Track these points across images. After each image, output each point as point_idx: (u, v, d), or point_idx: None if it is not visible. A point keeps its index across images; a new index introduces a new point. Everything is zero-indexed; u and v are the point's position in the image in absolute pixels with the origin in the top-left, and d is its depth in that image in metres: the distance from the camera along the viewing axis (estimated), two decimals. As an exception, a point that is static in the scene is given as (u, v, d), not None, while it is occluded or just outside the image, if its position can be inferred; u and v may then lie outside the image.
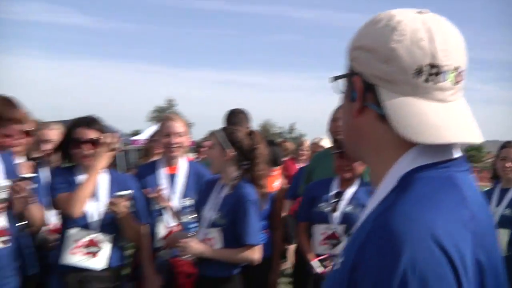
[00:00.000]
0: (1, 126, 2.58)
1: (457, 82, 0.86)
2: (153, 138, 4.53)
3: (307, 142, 6.41)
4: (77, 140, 2.66)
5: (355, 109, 0.91)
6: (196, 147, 6.00)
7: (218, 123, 3.30)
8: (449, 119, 0.85)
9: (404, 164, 0.86)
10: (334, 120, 3.37)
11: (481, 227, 0.82)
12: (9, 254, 2.54)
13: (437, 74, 0.84)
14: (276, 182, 3.62)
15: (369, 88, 0.88)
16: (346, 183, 2.98)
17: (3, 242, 2.51)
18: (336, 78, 0.99)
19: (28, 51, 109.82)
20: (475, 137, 0.86)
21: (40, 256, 2.99)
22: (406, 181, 0.84)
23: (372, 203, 0.89)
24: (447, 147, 0.88)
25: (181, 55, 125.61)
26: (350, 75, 0.93)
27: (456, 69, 0.85)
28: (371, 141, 0.92)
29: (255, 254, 2.58)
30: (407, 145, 0.85)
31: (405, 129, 0.82)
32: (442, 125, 0.83)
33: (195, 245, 2.50)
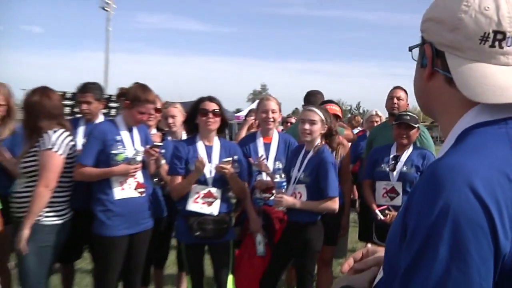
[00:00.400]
0: (138, 105, 3.22)
1: None
2: (250, 114, 5.32)
3: (359, 117, 8.14)
4: (203, 110, 3.33)
5: (426, 74, 0.98)
6: (283, 121, 6.74)
7: (300, 102, 3.94)
8: None
9: (465, 122, 0.91)
10: (390, 98, 4.18)
11: None
12: (145, 202, 3.30)
13: (502, 40, 0.88)
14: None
15: (438, 55, 0.95)
16: (402, 148, 3.65)
17: (140, 192, 3.26)
18: (411, 48, 1.08)
19: (156, 51, 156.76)
20: None
21: (168, 203, 3.76)
22: (463, 135, 0.88)
23: (437, 157, 0.97)
24: (509, 108, 0.90)
25: (270, 50, 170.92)
26: (422, 44, 1.00)
27: None
28: (440, 102, 0.98)
29: (336, 204, 3.18)
30: (471, 105, 0.91)
31: (468, 90, 0.87)
32: (507, 86, 0.87)
33: (287, 199, 3.14)
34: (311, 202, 3.16)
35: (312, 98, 4.27)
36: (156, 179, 3.69)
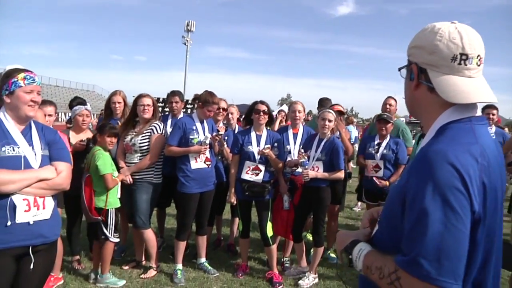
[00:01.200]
0: (207, 106, 4.49)
1: (478, 65, 1.19)
2: (280, 113, 6.69)
3: (352, 117, 10.47)
4: (257, 110, 4.58)
5: (413, 85, 1.26)
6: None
7: (313, 106, 5.59)
8: (474, 88, 1.17)
9: (442, 119, 1.20)
10: (384, 104, 5.66)
11: (487, 161, 1.11)
12: (211, 171, 4.61)
13: (466, 59, 1.17)
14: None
15: (421, 71, 1.23)
16: (382, 137, 5.05)
17: (208, 165, 4.54)
18: (400, 68, 1.36)
19: (218, 71, 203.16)
20: (492, 98, 1.18)
21: (227, 172, 5.02)
22: (442, 130, 1.18)
23: (422, 144, 1.25)
24: (472, 108, 1.20)
25: (293, 70, 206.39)
26: (409, 65, 1.29)
27: (478, 56, 1.18)
28: (423, 105, 1.26)
29: (342, 174, 4.49)
30: (446, 107, 1.19)
31: (444, 94, 1.16)
32: (470, 91, 1.15)
33: (311, 173, 4.37)
34: (326, 173, 4.44)
35: (324, 103, 5.71)
36: (220, 156, 5.03)
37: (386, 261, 1.15)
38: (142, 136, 4.50)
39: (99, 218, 4.17)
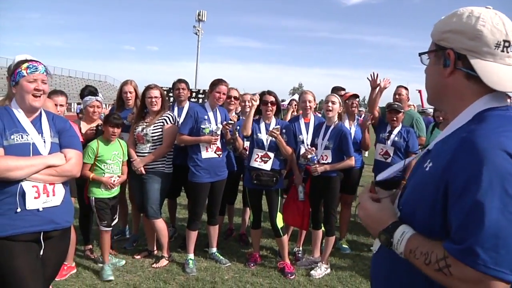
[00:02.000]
0: (215, 88, 4.47)
1: None
2: (291, 102, 6.72)
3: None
4: (264, 101, 4.56)
5: (448, 72, 1.21)
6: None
7: (324, 95, 5.14)
8: None
9: (478, 106, 1.18)
10: (394, 94, 5.54)
11: None
12: (222, 160, 4.59)
13: (508, 46, 1.16)
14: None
15: (459, 58, 1.19)
16: (393, 126, 4.95)
17: (218, 154, 4.52)
18: (421, 54, 1.32)
19: (229, 61, 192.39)
20: None
21: (238, 160, 5.10)
22: (481, 116, 1.15)
23: (448, 130, 1.23)
24: (505, 97, 1.19)
25: (304, 60, 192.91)
26: (441, 50, 1.23)
27: None
28: (456, 93, 1.23)
29: (352, 161, 4.47)
30: (482, 93, 1.18)
31: (491, 82, 1.14)
32: (510, 79, 1.15)
33: (320, 168, 4.37)
34: (335, 164, 4.39)
35: (336, 91, 5.60)
36: (231, 145, 4.97)
37: (434, 247, 1.11)
38: (154, 126, 4.52)
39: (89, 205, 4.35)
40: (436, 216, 1.13)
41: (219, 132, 4.45)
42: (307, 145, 4.64)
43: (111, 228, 4.43)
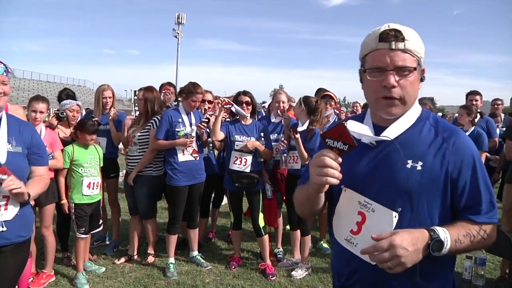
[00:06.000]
0: (191, 96, 4.46)
1: None
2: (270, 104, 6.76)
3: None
4: (240, 101, 4.57)
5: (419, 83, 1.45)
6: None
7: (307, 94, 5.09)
8: None
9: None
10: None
11: None
12: (199, 163, 4.58)
13: None
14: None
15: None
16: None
17: (195, 157, 4.52)
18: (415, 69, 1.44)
19: (209, 63, 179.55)
20: None
21: (219, 162, 5.12)
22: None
23: (404, 125, 1.46)
24: None
25: (285, 61, 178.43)
26: (419, 67, 1.42)
27: None
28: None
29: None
30: None
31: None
32: None
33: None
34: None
35: (320, 93, 5.71)
36: (211, 145, 4.98)
37: (464, 227, 1.38)
38: (142, 130, 4.63)
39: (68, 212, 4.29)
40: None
41: (193, 134, 4.47)
42: (281, 139, 4.74)
43: (88, 236, 4.38)
